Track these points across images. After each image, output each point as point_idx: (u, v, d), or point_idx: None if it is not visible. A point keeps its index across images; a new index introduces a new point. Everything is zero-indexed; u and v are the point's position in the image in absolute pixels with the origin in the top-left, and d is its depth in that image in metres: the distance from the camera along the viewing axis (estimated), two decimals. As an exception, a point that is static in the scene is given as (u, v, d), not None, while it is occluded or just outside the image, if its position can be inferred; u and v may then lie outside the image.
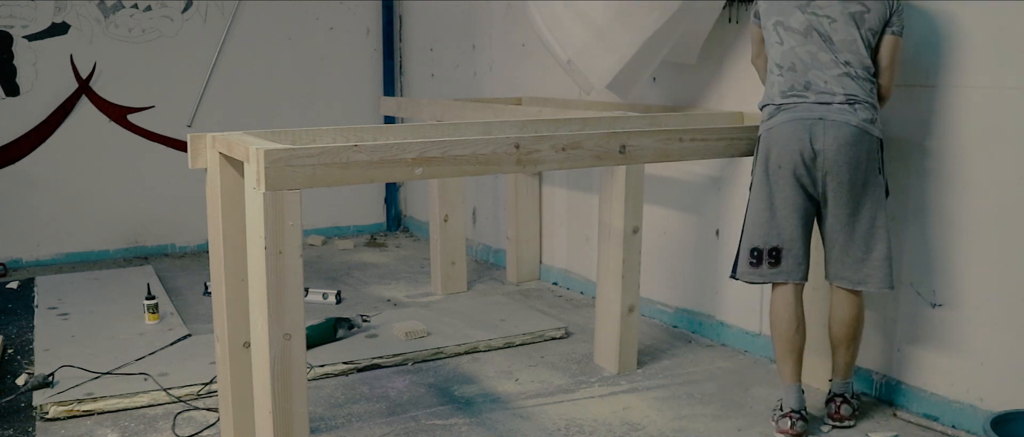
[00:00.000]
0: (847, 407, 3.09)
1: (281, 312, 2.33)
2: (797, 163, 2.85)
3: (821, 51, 2.85)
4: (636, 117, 3.42)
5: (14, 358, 3.82)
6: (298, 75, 6.23)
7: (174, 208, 5.89)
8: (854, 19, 2.83)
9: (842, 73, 2.83)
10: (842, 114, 2.81)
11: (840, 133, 2.80)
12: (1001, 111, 2.89)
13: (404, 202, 6.86)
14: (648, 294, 4.37)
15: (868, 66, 2.86)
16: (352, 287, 5.06)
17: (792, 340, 2.99)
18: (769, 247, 2.91)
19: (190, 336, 3.99)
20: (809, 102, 2.85)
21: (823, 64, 2.85)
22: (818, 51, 2.85)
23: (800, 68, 2.88)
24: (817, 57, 2.86)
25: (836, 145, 2.80)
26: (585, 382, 3.57)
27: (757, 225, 2.94)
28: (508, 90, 5.32)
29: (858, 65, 2.84)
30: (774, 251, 2.90)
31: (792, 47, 2.90)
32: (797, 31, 2.89)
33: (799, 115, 2.85)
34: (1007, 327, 2.92)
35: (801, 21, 2.88)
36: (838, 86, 2.83)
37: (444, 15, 5.99)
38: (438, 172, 2.55)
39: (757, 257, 2.95)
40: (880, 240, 2.91)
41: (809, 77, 2.86)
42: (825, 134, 2.81)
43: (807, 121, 2.83)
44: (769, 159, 2.91)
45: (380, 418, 3.22)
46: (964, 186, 3.01)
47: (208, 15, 5.87)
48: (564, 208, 5.03)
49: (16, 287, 4.97)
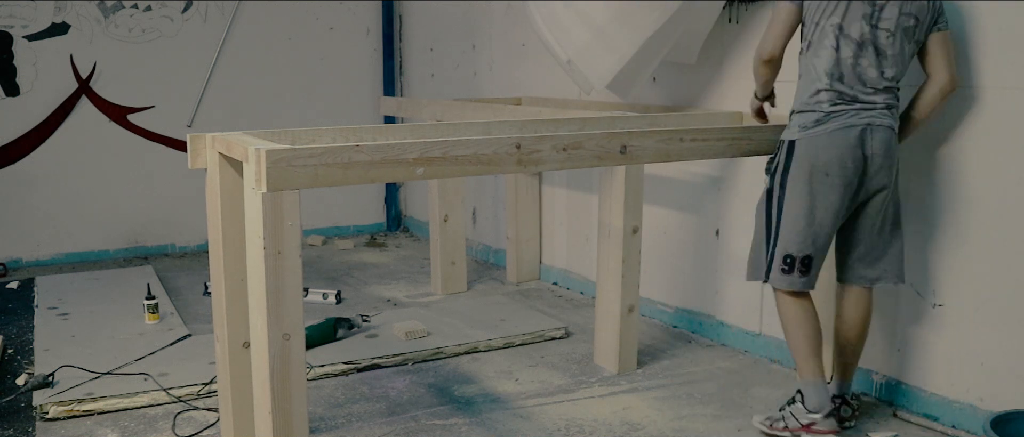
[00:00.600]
0: (847, 408, 3.09)
1: (280, 312, 2.33)
2: (848, 169, 2.83)
3: (871, 67, 2.83)
4: (636, 117, 3.42)
5: (14, 358, 3.82)
6: (298, 75, 6.23)
7: (174, 208, 5.89)
8: (906, 33, 2.83)
9: (885, 87, 2.85)
10: (883, 118, 2.85)
11: (885, 137, 2.84)
12: (1001, 111, 2.89)
13: (404, 202, 6.86)
14: (648, 294, 4.37)
15: (902, 74, 2.89)
16: (352, 287, 5.06)
17: (819, 335, 2.99)
18: (803, 255, 2.90)
19: (190, 336, 3.99)
20: (856, 108, 2.84)
21: (870, 80, 2.83)
22: (868, 67, 2.83)
23: (848, 81, 2.84)
24: (867, 73, 2.83)
25: (883, 149, 2.83)
26: (585, 382, 3.57)
27: (793, 232, 2.91)
28: (508, 90, 5.32)
29: (897, 77, 2.87)
30: (806, 259, 2.90)
31: (846, 58, 2.84)
32: (854, 41, 2.83)
33: (849, 122, 2.84)
34: (1007, 327, 2.92)
35: (859, 31, 2.83)
36: (880, 97, 2.84)
37: (444, 15, 5.99)
38: (439, 172, 2.55)
39: (789, 264, 2.93)
40: (898, 235, 2.97)
41: (856, 92, 2.84)
42: (873, 139, 2.83)
43: (857, 127, 2.83)
44: (815, 166, 2.86)
45: (380, 418, 3.22)
46: (964, 186, 3.01)
47: (208, 15, 5.87)
48: (564, 208, 5.03)
49: (16, 287, 4.97)
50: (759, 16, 3.68)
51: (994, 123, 2.91)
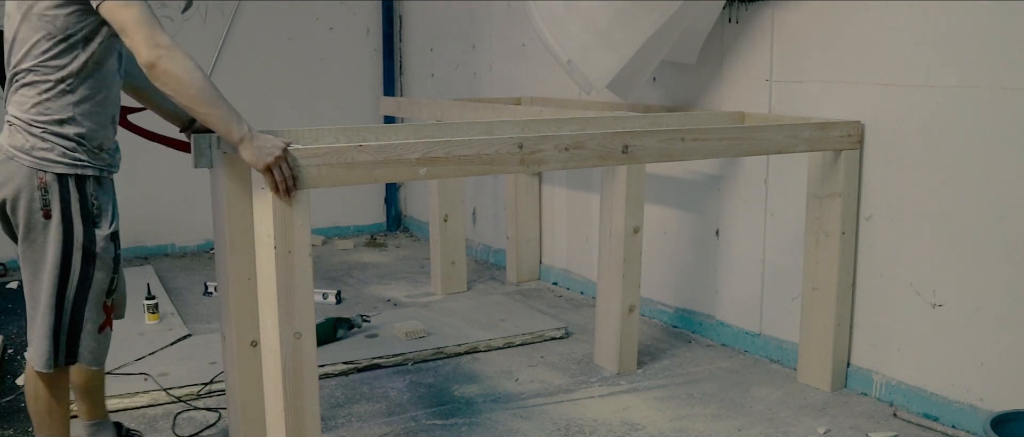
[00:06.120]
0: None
1: (291, 311, 2.34)
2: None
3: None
4: (637, 117, 3.43)
5: (14, 358, 3.82)
6: (298, 75, 6.23)
7: (174, 208, 5.88)
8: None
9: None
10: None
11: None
12: (1001, 111, 2.89)
13: (404, 202, 6.86)
14: (648, 294, 4.37)
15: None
16: (352, 287, 5.06)
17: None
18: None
19: (190, 336, 3.99)
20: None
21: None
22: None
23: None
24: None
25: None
26: (585, 382, 3.57)
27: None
28: (508, 90, 5.33)
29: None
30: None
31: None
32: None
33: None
34: (1007, 327, 2.93)
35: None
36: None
37: (444, 15, 6.00)
38: (442, 172, 2.55)
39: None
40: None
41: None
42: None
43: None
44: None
45: (380, 418, 3.22)
46: (964, 186, 3.01)
47: (208, 15, 5.87)
48: (564, 208, 5.04)
49: (16, 287, 4.97)
50: (759, 16, 3.69)
51: (994, 123, 2.91)
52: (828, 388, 3.40)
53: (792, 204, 3.62)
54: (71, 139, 2.33)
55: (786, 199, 3.67)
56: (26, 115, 2.31)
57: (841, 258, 3.30)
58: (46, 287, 2.38)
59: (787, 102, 3.61)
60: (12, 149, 2.31)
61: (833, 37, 3.40)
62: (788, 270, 3.67)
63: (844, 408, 3.27)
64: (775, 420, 3.18)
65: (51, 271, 2.37)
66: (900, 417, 3.18)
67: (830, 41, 3.41)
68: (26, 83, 2.31)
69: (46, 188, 2.31)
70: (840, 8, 3.35)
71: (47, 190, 2.31)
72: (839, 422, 3.15)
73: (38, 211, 2.32)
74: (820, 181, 3.33)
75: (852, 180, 3.29)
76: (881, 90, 3.23)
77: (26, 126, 2.31)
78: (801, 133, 3.15)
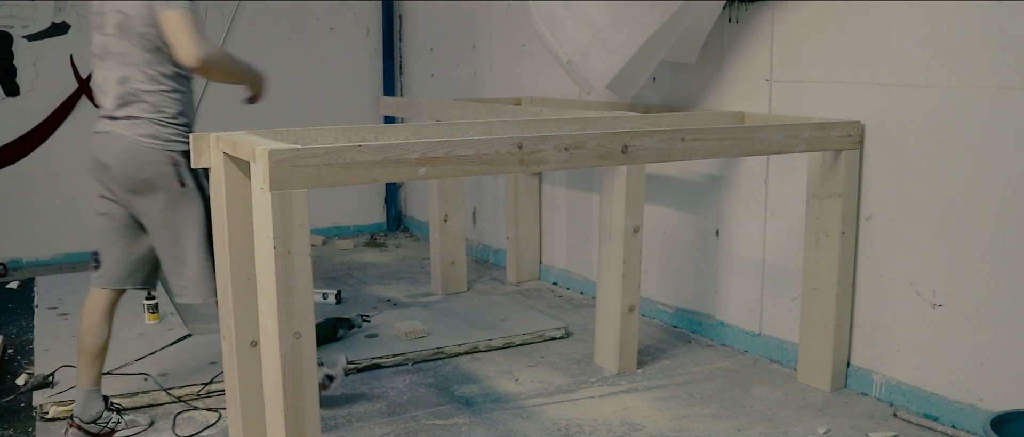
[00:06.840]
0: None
1: (291, 311, 2.34)
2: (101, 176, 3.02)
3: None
4: (638, 117, 3.43)
5: (14, 358, 3.82)
6: (298, 75, 6.23)
7: (174, 208, 5.87)
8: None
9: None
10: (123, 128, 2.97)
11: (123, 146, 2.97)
12: (1001, 111, 2.89)
13: (404, 202, 6.86)
14: (648, 294, 4.38)
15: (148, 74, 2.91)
16: (352, 287, 5.06)
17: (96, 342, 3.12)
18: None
19: (190, 336, 3.99)
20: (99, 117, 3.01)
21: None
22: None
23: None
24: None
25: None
26: (585, 382, 3.57)
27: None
28: (508, 90, 5.33)
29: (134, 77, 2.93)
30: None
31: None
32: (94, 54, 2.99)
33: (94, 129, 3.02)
34: (1007, 327, 2.93)
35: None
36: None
37: (444, 15, 6.00)
38: (441, 172, 2.55)
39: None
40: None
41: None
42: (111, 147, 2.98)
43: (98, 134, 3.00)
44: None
45: (380, 418, 3.22)
46: (964, 186, 3.01)
47: (208, 15, 5.87)
48: (564, 208, 5.04)
49: (16, 287, 4.97)
50: (759, 16, 3.69)
51: (994, 123, 2.91)
52: (828, 388, 3.40)
53: (792, 204, 3.62)
54: (181, 126, 2.91)
55: (786, 199, 3.67)
56: (151, 112, 2.86)
57: (841, 258, 3.30)
58: (197, 238, 2.91)
59: (787, 102, 3.61)
60: (143, 138, 2.84)
61: (833, 37, 3.40)
62: (788, 270, 3.67)
63: (844, 408, 3.27)
64: (775, 420, 3.18)
65: (202, 223, 2.90)
66: (900, 417, 3.18)
67: (830, 41, 3.41)
68: (144, 89, 2.84)
69: (177, 164, 2.86)
70: (840, 8, 3.36)
71: (178, 166, 2.86)
72: (839, 422, 3.15)
73: (176, 182, 2.86)
74: (820, 181, 3.33)
75: (852, 180, 3.29)
76: (881, 90, 3.23)
77: (153, 121, 2.86)
78: (801, 133, 3.15)
